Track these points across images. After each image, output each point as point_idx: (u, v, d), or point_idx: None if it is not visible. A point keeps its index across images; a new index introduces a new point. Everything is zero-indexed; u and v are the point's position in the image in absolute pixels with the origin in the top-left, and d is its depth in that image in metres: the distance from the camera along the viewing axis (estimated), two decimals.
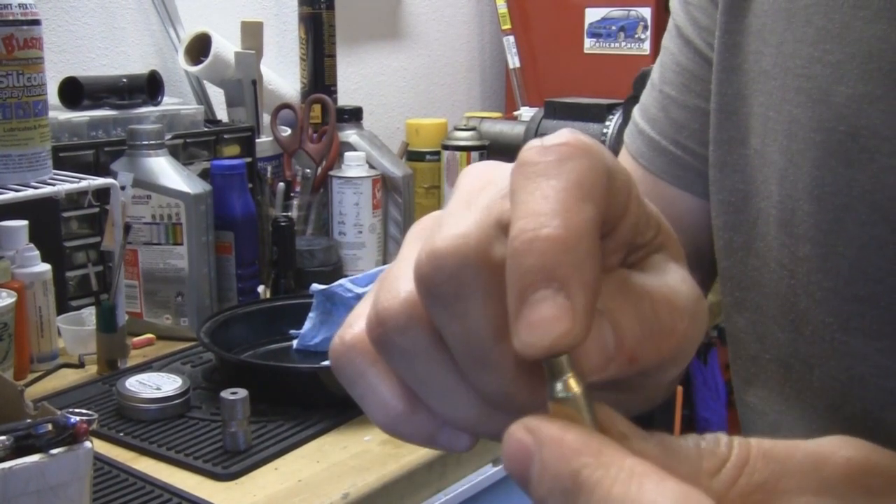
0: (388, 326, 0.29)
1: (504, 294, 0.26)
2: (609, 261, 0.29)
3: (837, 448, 0.26)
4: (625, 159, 0.69)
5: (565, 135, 0.28)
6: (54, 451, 0.70)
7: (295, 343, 1.23)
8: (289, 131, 1.66)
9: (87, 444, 0.72)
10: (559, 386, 0.26)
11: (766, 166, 0.54)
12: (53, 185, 1.11)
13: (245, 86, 1.61)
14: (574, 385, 0.26)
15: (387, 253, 1.66)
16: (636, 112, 0.68)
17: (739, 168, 0.56)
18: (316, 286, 1.21)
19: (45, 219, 1.26)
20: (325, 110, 1.66)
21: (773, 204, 0.53)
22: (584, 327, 0.25)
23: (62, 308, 1.27)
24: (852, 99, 0.48)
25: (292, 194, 1.61)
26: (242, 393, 0.98)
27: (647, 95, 0.68)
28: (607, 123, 1.66)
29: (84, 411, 0.73)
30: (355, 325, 0.32)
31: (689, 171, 0.63)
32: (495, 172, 0.31)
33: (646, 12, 2.00)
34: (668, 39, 0.66)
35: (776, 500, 0.25)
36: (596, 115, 1.68)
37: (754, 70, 0.55)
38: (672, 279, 0.31)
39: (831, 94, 0.49)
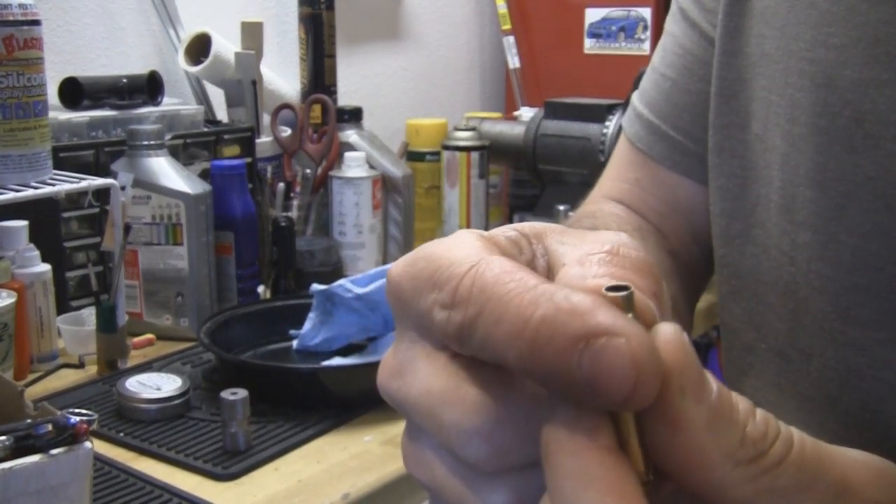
0: None
1: None
2: None
3: (871, 485, 0.25)
4: (623, 145, 0.68)
5: None
6: (54, 452, 0.70)
7: (295, 343, 1.23)
8: (289, 131, 1.66)
9: (87, 444, 0.72)
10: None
11: (767, 151, 0.53)
12: (53, 185, 1.11)
13: (245, 86, 1.61)
14: None
15: (387, 253, 1.66)
16: (635, 97, 0.67)
17: (739, 153, 0.56)
18: (316, 286, 1.21)
19: (45, 219, 1.26)
20: (325, 110, 1.66)
21: (774, 190, 0.52)
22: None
23: (62, 308, 1.27)
24: (857, 83, 0.47)
25: (292, 194, 1.61)
26: (242, 393, 0.98)
27: (646, 80, 0.67)
28: (607, 124, 1.66)
29: (84, 411, 0.73)
30: None
31: (690, 157, 0.62)
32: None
33: (646, 12, 2.00)
34: (670, 23, 0.65)
35: None
36: (596, 115, 1.68)
37: (756, 53, 0.54)
38: None
39: (835, 79, 0.48)
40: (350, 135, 1.67)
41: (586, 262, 0.27)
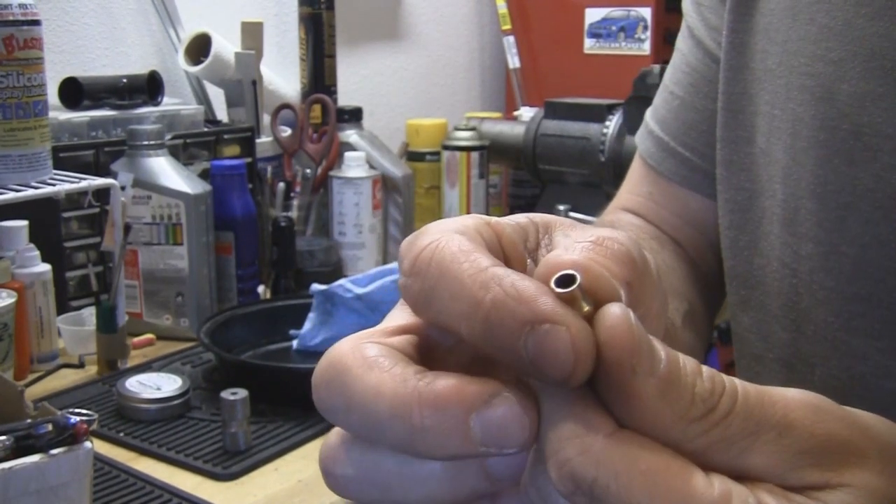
0: None
1: None
2: None
3: (809, 420, 0.27)
4: (637, 160, 0.70)
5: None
6: (54, 452, 0.70)
7: (295, 343, 1.23)
8: (289, 131, 1.66)
9: (88, 444, 0.72)
10: None
11: (770, 165, 0.54)
12: (53, 185, 1.11)
13: (245, 86, 1.61)
14: None
15: (387, 253, 1.66)
16: (648, 114, 0.69)
17: (745, 167, 0.57)
18: (316, 286, 1.21)
19: (45, 219, 1.26)
20: (325, 110, 1.66)
21: (777, 203, 0.53)
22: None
23: (62, 308, 1.27)
24: (854, 97, 0.48)
25: (292, 194, 1.61)
26: (242, 393, 0.98)
27: (658, 97, 0.68)
28: (607, 124, 1.66)
29: (84, 411, 0.73)
30: None
31: (697, 173, 0.64)
32: None
33: (646, 12, 2.00)
34: (680, 40, 0.67)
35: (736, 457, 0.26)
36: (596, 115, 1.68)
37: (760, 69, 0.55)
38: None
39: (834, 93, 0.49)
40: (350, 135, 1.67)
41: (571, 247, 0.29)
